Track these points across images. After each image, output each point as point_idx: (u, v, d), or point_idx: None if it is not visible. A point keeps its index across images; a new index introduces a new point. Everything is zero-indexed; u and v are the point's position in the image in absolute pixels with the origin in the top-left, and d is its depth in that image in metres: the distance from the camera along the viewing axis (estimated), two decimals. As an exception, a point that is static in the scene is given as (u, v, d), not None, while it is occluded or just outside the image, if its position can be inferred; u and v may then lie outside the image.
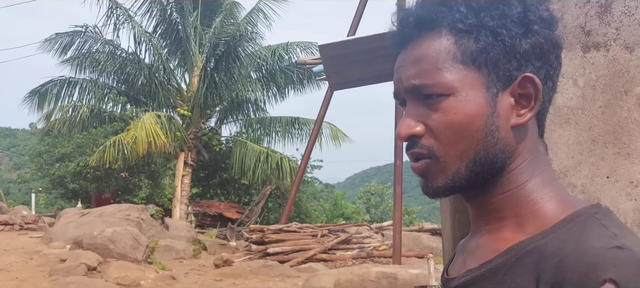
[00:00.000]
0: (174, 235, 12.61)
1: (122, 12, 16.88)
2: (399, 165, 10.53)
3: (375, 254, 11.64)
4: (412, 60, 0.74)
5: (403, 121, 0.75)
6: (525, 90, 0.73)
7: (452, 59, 0.72)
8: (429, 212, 33.69)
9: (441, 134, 0.72)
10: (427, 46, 0.74)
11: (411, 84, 0.74)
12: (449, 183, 0.73)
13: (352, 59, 3.73)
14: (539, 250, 0.67)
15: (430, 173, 0.74)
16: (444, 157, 0.73)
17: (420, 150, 0.74)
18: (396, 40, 0.78)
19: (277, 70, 18.14)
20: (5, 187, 32.70)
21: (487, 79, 0.72)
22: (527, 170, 0.74)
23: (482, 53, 0.72)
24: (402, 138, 0.75)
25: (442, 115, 0.72)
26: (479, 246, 0.76)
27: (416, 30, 0.75)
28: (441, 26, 0.73)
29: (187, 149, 16.85)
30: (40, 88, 17.85)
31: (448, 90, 0.72)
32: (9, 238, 11.95)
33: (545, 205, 0.72)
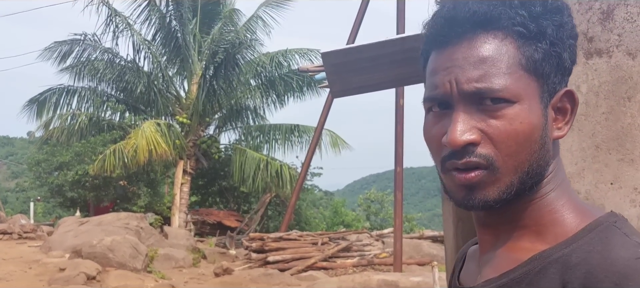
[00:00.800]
0: (173, 243, 12.57)
1: (121, 20, 16.91)
2: (399, 171, 10.54)
3: (376, 262, 11.62)
4: (474, 61, 0.68)
5: (456, 127, 0.68)
6: (563, 104, 0.73)
7: (518, 65, 0.69)
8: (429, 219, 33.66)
9: (503, 143, 0.68)
10: (489, 47, 0.69)
11: (474, 87, 0.68)
12: (501, 196, 0.69)
13: (354, 66, 3.73)
14: (563, 260, 0.66)
15: (482, 185, 0.69)
16: (501, 168, 0.69)
17: (476, 159, 0.68)
18: (442, 34, 0.72)
19: (276, 77, 18.16)
20: (3, 195, 32.61)
21: (542, 90, 0.70)
22: (553, 180, 0.73)
23: (542, 63, 0.70)
24: (459, 145, 0.68)
25: (506, 123, 0.68)
26: (496, 255, 0.75)
27: (473, 28, 0.69)
28: (502, 27, 0.69)
29: (186, 157, 16.84)
30: (39, 96, 17.84)
31: (515, 97, 0.68)
32: (8, 247, 11.90)
33: (564, 214, 0.72)
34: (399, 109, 10.64)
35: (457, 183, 0.70)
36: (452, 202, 0.73)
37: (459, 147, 0.68)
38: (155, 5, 17.48)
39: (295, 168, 17.62)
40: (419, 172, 74.90)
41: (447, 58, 0.70)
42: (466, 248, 0.90)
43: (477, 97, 0.68)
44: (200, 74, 17.25)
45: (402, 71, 3.98)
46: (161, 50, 18.14)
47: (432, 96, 0.72)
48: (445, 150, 0.70)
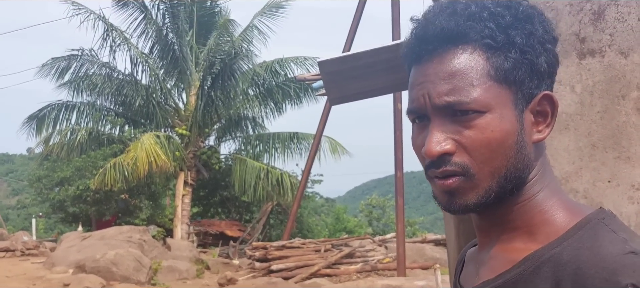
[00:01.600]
0: (177, 255, 12.57)
1: (118, 35, 16.97)
2: (399, 176, 10.56)
3: (380, 267, 11.61)
4: (444, 75, 0.72)
5: (431, 138, 0.72)
6: (542, 107, 0.75)
7: (486, 76, 0.72)
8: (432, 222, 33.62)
9: (476, 151, 0.71)
10: (458, 61, 0.72)
11: (444, 101, 0.72)
12: (480, 200, 0.73)
13: (351, 73, 3.77)
14: (555, 259, 0.69)
15: (461, 190, 0.73)
16: (477, 175, 0.72)
17: (453, 168, 0.72)
18: (415, 52, 0.76)
19: (273, 85, 18.22)
20: (4, 213, 32.54)
21: (515, 96, 0.73)
22: (539, 181, 0.76)
23: (513, 71, 0.72)
24: (434, 156, 0.72)
25: (478, 132, 0.71)
26: (492, 257, 0.77)
27: (442, 44, 0.73)
28: (470, 41, 0.72)
29: (187, 169, 16.86)
30: (38, 113, 17.87)
31: (485, 108, 0.71)
32: (11, 264, 11.90)
33: (554, 214, 0.74)
34: (397, 114, 10.67)
35: (439, 189, 0.75)
36: (439, 206, 0.76)
37: (434, 157, 0.72)
38: (152, 18, 17.55)
39: (295, 176, 17.63)
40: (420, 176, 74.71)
41: (421, 73, 0.75)
42: (465, 251, 0.93)
43: (449, 109, 0.72)
44: (198, 85, 17.30)
45: (398, 77, 4.01)
46: (158, 62, 18.19)
47: (411, 109, 0.76)
48: (426, 159, 0.74)
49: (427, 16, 0.75)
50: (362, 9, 12.27)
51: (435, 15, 0.74)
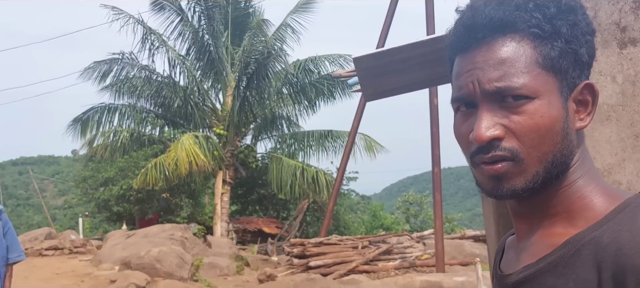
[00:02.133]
0: (217, 252, 12.80)
1: (156, 38, 17.36)
2: (436, 172, 10.46)
3: (418, 263, 11.53)
4: (494, 63, 0.74)
5: (480, 124, 0.74)
6: (584, 96, 0.78)
7: (535, 63, 0.74)
8: (470, 219, 33.14)
9: (526, 136, 0.73)
10: (507, 49, 0.75)
11: (495, 86, 0.74)
12: (528, 184, 0.75)
13: (386, 69, 3.78)
14: (595, 241, 0.71)
15: (509, 175, 0.75)
16: (526, 159, 0.74)
17: (502, 152, 0.74)
18: (463, 41, 0.78)
19: (307, 83, 18.31)
20: (52, 213, 33.86)
21: (560, 84, 0.76)
22: (580, 168, 0.78)
23: (559, 60, 0.75)
24: (484, 141, 0.74)
25: (527, 118, 0.73)
26: (532, 243, 0.80)
27: (491, 33, 0.75)
28: (518, 30, 0.75)
29: (225, 167, 17.14)
30: (82, 115, 18.43)
31: (534, 94, 0.73)
32: (60, 262, 12.37)
33: (594, 199, 0.76)
34: (433, 109, 10.57)
35: (486, 175, 0.77)
36: (483, 193, 0.78)
37: (484, 142, 0.74)
38: (188, 20, 17.90)
39: (330, 174, 17.69)
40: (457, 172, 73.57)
41: (469, 61, 0.77)
42: (504, 240, 0.95)
43: (499, 95, 0.74)
44: (234, 85, 17.55)
45: (433, 71, 4.00)
46: (195, 64, 18.54)
47: (458, 97, 0.79)
48: (473, 146, 0.77)
49: (474, 6, 0.78)
50: (396, 4, 12.20)
51: (483, 5, 0.77)
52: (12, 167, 61.96)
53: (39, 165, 58.44)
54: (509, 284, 0.80)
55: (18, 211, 45.48)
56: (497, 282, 0.86)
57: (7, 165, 63.34)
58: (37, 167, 53.42)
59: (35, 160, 63.06)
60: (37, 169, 50.69)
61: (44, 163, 62.05)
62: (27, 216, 42.23)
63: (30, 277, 10.30)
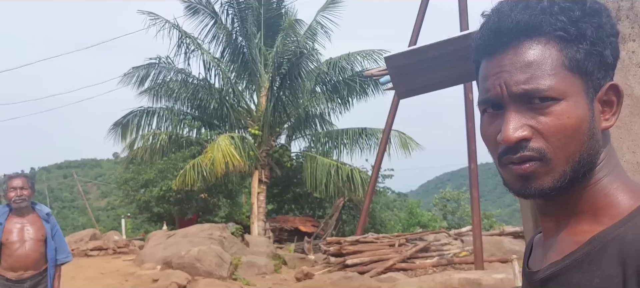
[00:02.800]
0: (255, 251, 12.97)
1: (191, 41, 17.70)
2: (473, 168, 10.33)
3: (456, 261, 11.40)
4: (521, 65, 0.76)
5: (508, 125, 0.76)
6: (609, 97, 0.80)
7: (561, 66, 0.76)
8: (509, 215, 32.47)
9: (553, 137, 0.75)
10: (534, 52, 0.76)
11: (522, 89, 0.76)
12: (555, 184, 0.77)
13: (418, 66, 3.78)
14: (620, 238, 0.72)
15: (537, 174, 0.77)
16: (554, 159, 0.76)
17: (530, 153, 0.76)
18: (490, 44, 0.80)
19: (340, 81, 18.33)
20: (96, 214, 34.94)
21: (586, 86, 0.78)
22: (606, 166, 0.80)
23: (584, 62, 0.77)
24: (512, 141, 0.76)
25: (554, 119, 0.75)
26: (558, 240, 0.82)
27: (518, 36, 0.77)
28: (544, 33, 0.77)
29: (260, 167, 17.33)
30: (122, 119, 18.93)
31: (561, 95, 0.75)
32: (105, 262, 12.77)
33: (619, 197, 0.78)
34: (468, 104, 10.44)
35: (514, 175, 0.79)
36: (511, 192, 0.81)
37: (512, 143, 0.76)
38: (222, 23, 18.18)
39: (366, 172, 17.65)
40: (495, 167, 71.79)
41: (496, 64, 0.79)
42: (533, 238, 0.96)
43: (526, 97, 0.76)
44: (267, 86, 17.73)
45: (466, 67, 3.97)
46: (230, 66, 18.81)
47: (485, 99, 0.81)
48: (500, 146, 0.79)
49: (500, 10, 0.80)
50: (428, 0, 12.07)
51: (509, 9, 0.79)
52: (58, 170, 64.27)
53: (82, 169, 60.40)
54: (536, 281, 0.82)
55: (64, 213, 47.16)
56: (525, 279, 0.88)
57: (52, 168, 65.77)
58: (80, 170, 55.22)
59: (78, 163, 65.22)
60: (80, 172, 52.40)
61: (87, 166, 64.12)
62: (72, 218, 43.73)
63: (77, 277, 10.68)
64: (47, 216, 4.75)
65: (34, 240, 4.60)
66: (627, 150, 2.26)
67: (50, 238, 4.68)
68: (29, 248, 4.57)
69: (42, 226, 4.67)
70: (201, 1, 17.81)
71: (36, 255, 4.60)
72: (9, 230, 4.55)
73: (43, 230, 4.66)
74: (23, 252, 4.55)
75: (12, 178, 4.59)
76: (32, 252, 4.58)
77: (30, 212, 4.67)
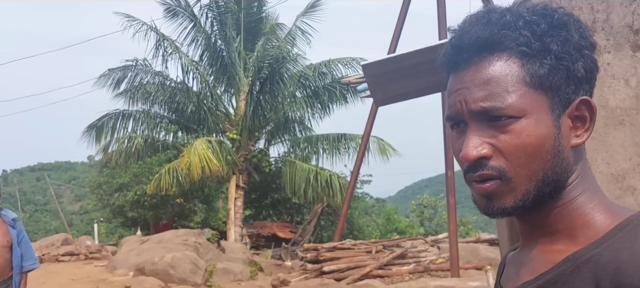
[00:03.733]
0: (231, 257, 12.84)
1: (169, 44, 17.52)
2: (450, 175, 10.39)
3: (433, 268, 11.45)
4: (479, 82, 0.74)
5: (468, 143, 0.75)
6: (581, 112, 0.77)
7: (521, 82, 0.73)
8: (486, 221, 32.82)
9: (512, 155, 0.73)
10: (493, 69, 0.74)
11: (480, 106, 0.74)
12: (518, 203, 0.74)
13: (395, 75, 3.76)
14: (595, 259, 0.70)
15: (498, 194, 0.74)
16: (514, 178, 0.74)
17: (489, 171, 0.74)
18: (452, 61, 0.79)
19: (320, 87, 18.33)
20: (69, 218, 34.25)
21: (551, 102, 0.75)
22: (580, 185, 0.77)
23: (548, 77, 0.74)
24: (471, 160, 0.74)
25: (514, 137, 0.73)
26: (532, 259, 0.79)
27: (478, 52, 0.76)
28: (506, 49, 0.74)
29: (238, 172, 17.20)
30: (97, 122, 18.62)
31: (520, 113, 0.73)
32: (76, 268, 12.50)
33: (595, 216, 0.75)
34: (445, 112, 10.50)
35: (477, 193, 0.77)
36: (478, 210, 0.78)
37: (471, 161, 0.75)
38: (201, 26, 18.03)
39: (344, 177, 17.66)
40: (472, 174, 72.60)
41: (458, 81, 0.78)
42: (507, 254, 0.94)
43: (485, 115, 0.74)
44: (247, 90, 17.62)
45: (444, 76, 3.96)
46: (208, 69, 18.67)
47: (448, 115, 0.80)
48: (464, 164, 0.77)
49: (463, 26, 0.78)
50: (407, 7, 12.16)
51: (470, 25, 0.77)
52: (30, 173, 62.89)
53: (56, 171, 59.22)
54: None
55: (36, 217, 46.16)
56: None
57: (25, 171, 64.33)
58: (54, 173, 54.17)
59: (52, 166, 63.93)
60: (54, 175, 51.40)
61: (61, 169, 62.89)
62: (44, 222, 42.82)
63: (47, 283, 10.43)
64: (13, 222, 4.60)
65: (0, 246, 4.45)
66: (602, 162, 2.25)
67: (15, 244, 4.53)
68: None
69: (7, 232, 4.52)
70: (180, 4, 17.64)
71: (1, 261, 4.45)
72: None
73: (8, 236, 4.51)
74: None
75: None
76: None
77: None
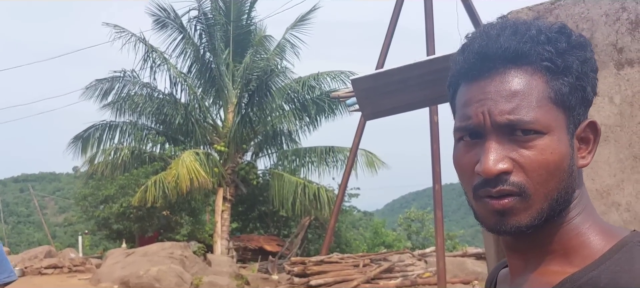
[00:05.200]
0: (217, 271, 12.72)
1: (157, 55, 17.48)
2: (438, 189, 10.42)
3: (420, 282, 11.45)
4: (506, 94, 0.72)
5: (489, 156, 0.72)
6: (586, 134, 0.76)
7: (547, 98, 0.72)
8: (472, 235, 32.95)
9: (534, 172, 0.71)
10: (521, 81, 0.73)
11: (507, 119, 0.72)
12: (532, 221, 0.73)
13: (384, 89, 3.78)
14: (593, 282, 0.69)
15: (515, 210, 0.72)
16: (534, 195, 0.72)
17: (510, 187, 0.72)
18: (474, 68, 0.76)
19: (308, 100, 18.36)
20: (52, 230, 33.75)
21: (568, 121, 0.74)
22: (578, 205, 0.76)
23: (569, 96, 0.73)
24: (492, 174, 0.71)
25: (537, 153, 0.71)
26: (527, 279, 0.77)
27: (504, 63, 0.73)
28: (531, 63, 0.73)
29: (225, 185, 17.12)
30: (83, 133, 18.45)
31: (546, 129, 0.72)
32: (59, 280, 12.31)
33: (590, 237, 0.74)
34: (433, 126, 10.57)
35: (490, 209, 0.74)
36: (483, 227, 0.76)
37: (492, 175, 0.71)
38: (190, 38, 18.02)
39: (332, 190, 17.65)
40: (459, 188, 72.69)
41: (480, 91, 0.74)
42: (496, 271, 0.92)
43: (509, 128, 0.72)
44: (235, 102, 17.61)
45: (432, 91, 4.00)
46: (197, 81, 18.63)
47: (464, 126, 0.75)
48: (477, 178, 0.73)
49: (488, 33, 0.76)
50: (396, 23, 12.26)
51: (497, 34, 0.74)
52: (14, 184, 61.92)
53: (40, 182, 58.37)
54: None
55: (18, 228, 45.39)
56: None
57: (8, 182, 63.33)
58: (38, 184, 53.39)
59: (36, 177, 63.01)
60: (38, 186, 50.66)
61: (45, 180, 62.02)
62: (27, 233, 42.13)
63: (28, 296, 10.24)
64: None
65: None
66: (587, 177, 2.29)
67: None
68: None
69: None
70: (169, 15, 17.64)
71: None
72: None
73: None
74: None
75: None
76: None
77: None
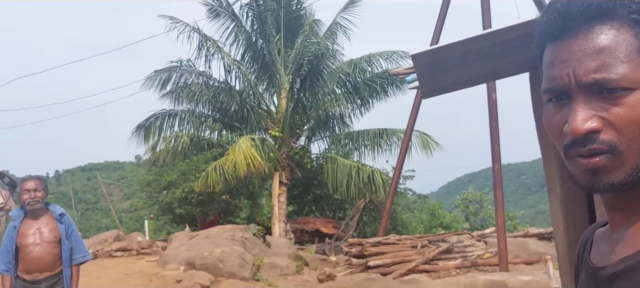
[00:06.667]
0: (276, 252, 13.00)
1: (211, 44, 17.85)
2: (497, 169, 10.20)
3: (480, 263, 11.27)
4: (591, 52, 0.71)
5: (576, 116, 0.71)
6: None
7: (636, 52, 0.70)
8: (532, 216, 32.01)
9: (626, 129, 0.70)
10: (605, 38, 0.71)
11: (593, 78, 0.71)
12: (627, 178, 0.72)
13: (444, 64, 3.73)
14: None
15: (607, 168, 0.72)
16: (626, 152, 0.71)
17: (600, 146, 0.71)
18: (557, 28, 0.74)
19: (360, 83, 18.27)
20: (119, 216, 35.44)
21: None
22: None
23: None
24: (581, 134, 0.71)
25: (627, 109, 0.70)
26: (629, 234, 0.76)
27: (588, 20, 0.72)
28: (617, 17, 0.71)
29: (281, 169, 17.38)
30: (144, 122, 19.17)
31: (634, 84, 0.70)
32: (129, 263, 12.92)
33: None
34: (492, 104, 10.32)
35: (581, 168, 0.73)
36: (578, 186, 0.75)
37: (580, 135, 0.71)
38: (242, 25, 18.29)
39: (386, 173, 17.57)
40: (517, 168, 71.15)
41: (564, 51, 0.73)
42: (591, 232, 0.91)
43: (596, 87, 0.71)
44: (287, 87, 17.78)
45: (493, 65, 3.91)
46: (250, 68, 18.92)
47: (551, 88, 0.75)
48: (567, 138, 0.73)
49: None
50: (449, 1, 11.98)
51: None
52: (81, 173, 65.40)
53: (105, 171, 61.33)
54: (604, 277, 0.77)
55: (87, 215, 47.95)
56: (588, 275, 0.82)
57: (76, 171, 66.95)
58: (104, 173, 56.10)
59: (102, 166, 66.27)
60: (103, 175, 53.22)
61: (110, 168, 65.11)
62: (96, 220, 44.42)
63: (102, 278, 10.84)
64: (61, 216, 4.72)
65: (48, 241, 4.58)
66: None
67: (64, 238, 4.64)
68: (43, 250, 4.57)
69: (55, 227, 4.64)
70: (222, 4, 17.94)
71: (50, 257, 4.58)
72: (24, 234, 4.57)
73: (56, 232, 4.62)
74: (37, 254, 4.55)
75: (26, 181, 4.61)
76: (45, 254, 4.57)
77: (44, 213, 4.66)
